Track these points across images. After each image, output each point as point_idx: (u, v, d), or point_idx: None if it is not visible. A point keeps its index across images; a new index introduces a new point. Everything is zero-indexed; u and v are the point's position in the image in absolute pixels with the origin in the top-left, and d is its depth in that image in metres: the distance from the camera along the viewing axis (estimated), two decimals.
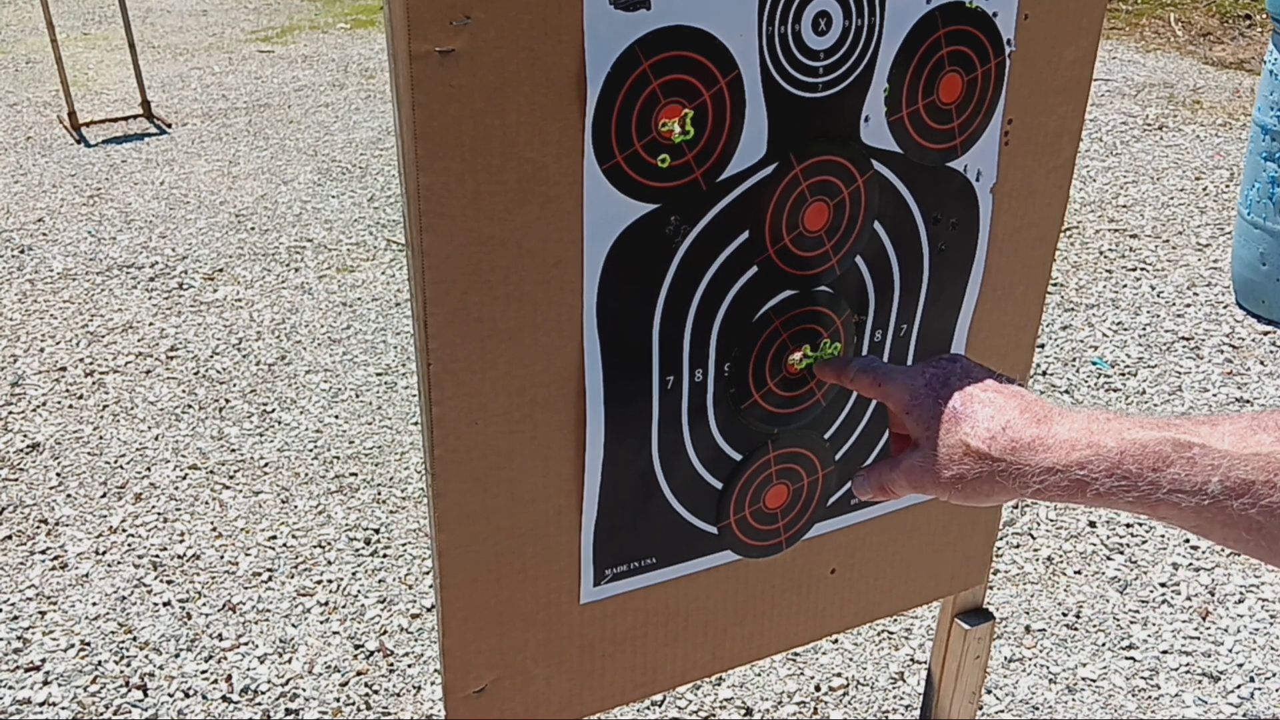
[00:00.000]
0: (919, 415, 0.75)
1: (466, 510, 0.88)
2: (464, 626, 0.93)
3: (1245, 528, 0.60)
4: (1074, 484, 0.66)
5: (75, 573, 2.43)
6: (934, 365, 0.78)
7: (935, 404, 0.74)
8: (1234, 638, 2.21)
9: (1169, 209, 4.19)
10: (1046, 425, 0.68)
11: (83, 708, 2.07)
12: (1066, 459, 0.66)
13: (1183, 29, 6.37)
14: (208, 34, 6.97)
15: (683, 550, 1.00)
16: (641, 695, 1.07)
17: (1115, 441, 0.64)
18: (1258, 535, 0.60)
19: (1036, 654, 2.19)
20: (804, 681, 2.13)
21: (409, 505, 2.64)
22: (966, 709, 1.30)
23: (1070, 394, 3.05)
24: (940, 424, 0.73)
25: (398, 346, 3.35)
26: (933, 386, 0.76)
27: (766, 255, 0.89)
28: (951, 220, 0.98)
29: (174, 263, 3.91)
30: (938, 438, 0.73)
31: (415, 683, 2.13)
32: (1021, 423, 0.69)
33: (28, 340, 3.40)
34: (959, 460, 0.71)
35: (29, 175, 4.68)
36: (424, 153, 0.74)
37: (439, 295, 0.79)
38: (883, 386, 0.81)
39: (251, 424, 2.97)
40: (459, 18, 0.71)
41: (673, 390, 0.91)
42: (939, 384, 0.76)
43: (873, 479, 0.80)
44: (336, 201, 4.41)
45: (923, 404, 0.75)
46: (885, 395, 0.81)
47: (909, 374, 0.79)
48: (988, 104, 0.94)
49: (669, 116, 0.80)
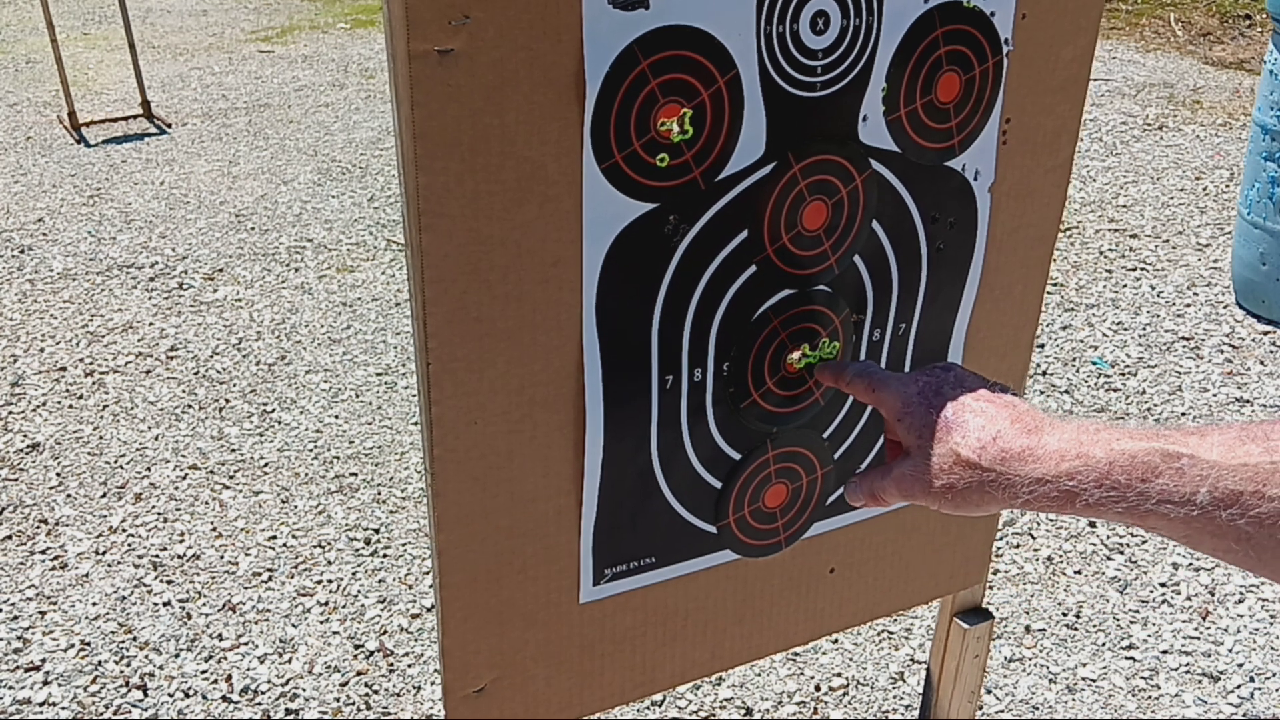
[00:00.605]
0: (910, 423, 0.75)
1: (466, 510, 0.88)
2: (464, 626, 0.93)
3: (1234, 538, 0.60)
4: (1063, 494, 0.66)
5: (75, 573, 2.43)
6: (928, 374, 0.78)
7: (927, 412, 0.75)
8: (1234, 638, 2.21)
9: (1169, 209, 4.19)
10: (1037, 435, 0.68)
11: (83, 708, 2.07)
12: (1056, 470, 0.66)
13: (1183, 29, 6.38)
14: (208, 34, 6.97)
15: (682, 550, 1.00)
16: (641, 695, 1.07)
17: (1104, 452, 0.65)
18: (1246, 546, 0.60)
19: (1036, 654, 2.19)
20: (804, 681, 2.13)
21: (409, 505, 2.64)
22: (966, 709, 1.30)
23: (1070, 394, 3.05)
24: (932, 433, 0.73)
25: (398, 346, 3.35)
26: (925, 395, 0.76)
27: (765, 254, 0.89)
28: (950, 219, 0.98)
29: (174, 263, 3.91)
30: (929, 447, 0.73)
31: (415, 683, 2.13)
32: (1012, 433, 0.69)
33: (28, 340, 3.40)
34: (949, 470, 0.71)
35: (29, 175, 4.69)
36: (423, 152, 0.74)
37: (438, 295, 0.79)
38: (877, 393, 0.81)
39: (251, 424, 2.97)
40: (458, 17, 0.72)
41: (672, 389, 0.91)
42: (931, 392, 0.76)
43: (864, 486, 0.80)
44: (336, 201, 4.41)
45: (915, 412, 0.76)
46: (879, 401, 0.81)
47: (903, 381, 0.79)
48: (986, 103, 0.94)
49: (668, 116, 0.80)
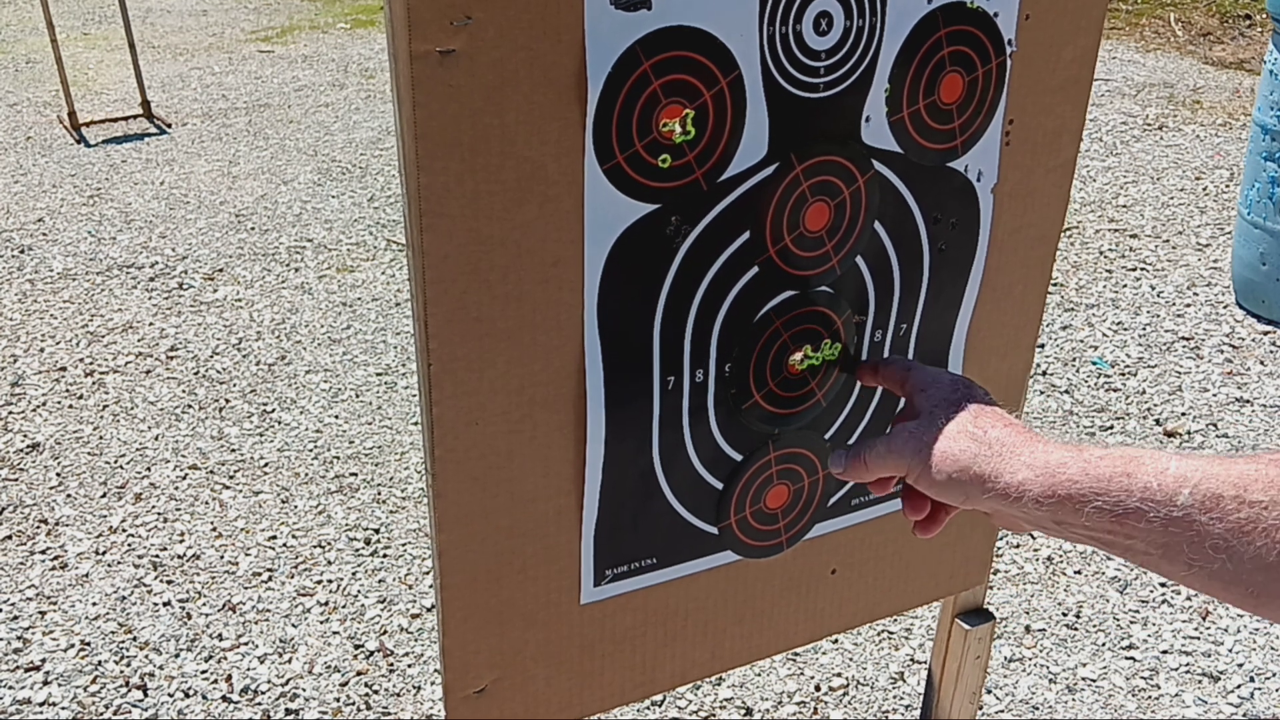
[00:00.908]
0: (933, 393, 0.80)
1: (466, 510, 0.88)
2: (464, 626, 0.93)
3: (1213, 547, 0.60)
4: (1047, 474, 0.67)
5: (75, 573, 2.42)
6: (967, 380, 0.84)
7: (953, 391, 0.80)
8: (1234, 638, 2.21)
9: (1169, 209, 4.19)
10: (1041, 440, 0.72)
11: (83, 708, 2.07)
12: (1046, 457, 0.69)
13: (1183, 29, 6.37)
14: (208, 34, 6.97)
15: (683, 550, 1.00)
16: (641, 695, 1.07)
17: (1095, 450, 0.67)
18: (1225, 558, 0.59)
19: (1036, 654, 2.19)
20: (804, 681, 2.13)
21: (409, 505, 2.64)
22: (966, 709, 1.30)
23: (1070, 394, 3.05)
24: (950, 406, 0.78)
25: (398, 346, 3.35)
26: (956, 382, 0.81)
27: (767, 255, 0.89)
28: (952, 220, 0.98)
29: (174, 263, 3.91)
30: (943, 414, 0.77)
31: (415, 683, 2.13)
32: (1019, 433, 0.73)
33: (28, 340, 3.40)
34: (952, 437, 0.74)
35: (29, 175, 4.68)
36: (424, 152, 0.74)
37: (438, 295, 0.79)
38: (911, 371, 0.86)
39: (251, 424, 2.97)
40: (459, 18, 0.71)
41: (673, 390, 0.91)
42: (964, 384, 0.81)
43: (852, 450, 0.82)
44: (336, 201, 4.41)
45: (942, 389, 0.80)
46: (909, 379, 0.85)
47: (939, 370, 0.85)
48: (988, 104, 0.94)
49: (670, 116, 0.80)
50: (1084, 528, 0.65)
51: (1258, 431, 2.86)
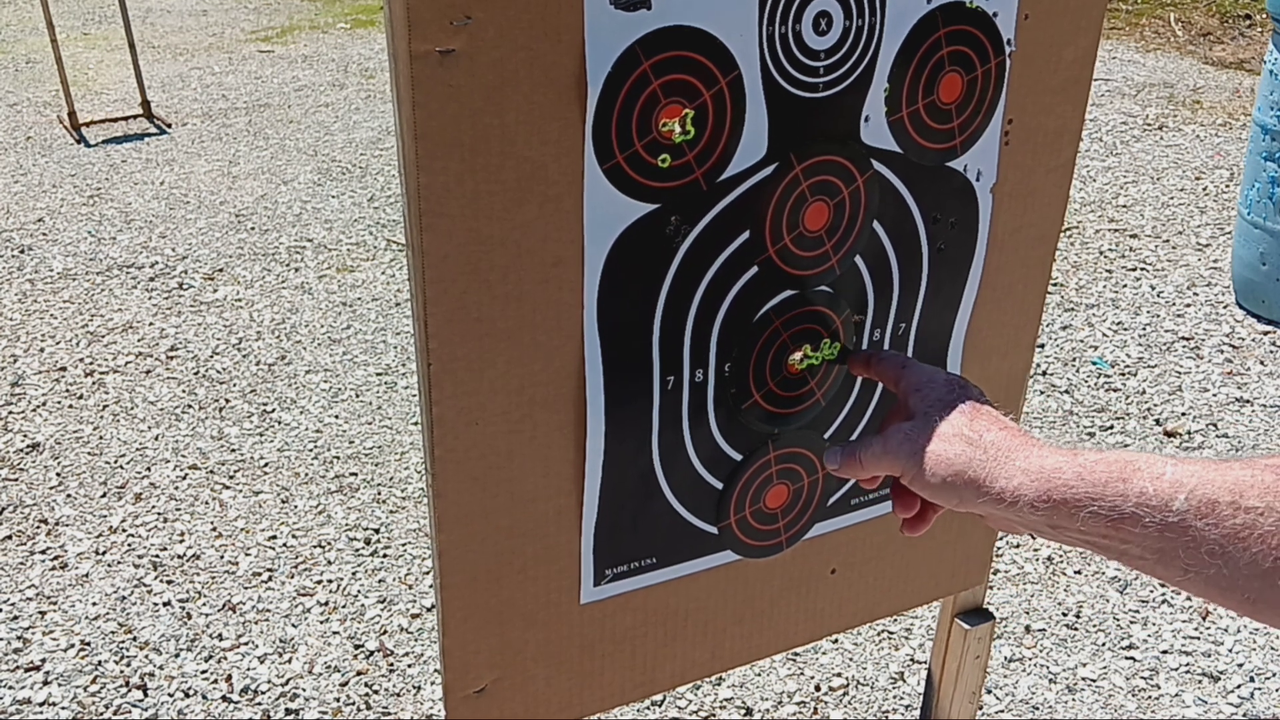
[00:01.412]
0: (928, 394, 0.79)
1: (466, 510, 0.88)
2: (464, 626, 0.93)
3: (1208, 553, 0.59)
4: (1042, 479, 0.67)
5: (75, 573, 2.43)
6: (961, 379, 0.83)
7: (949, 392, 0.78)
8: (1234, 638, 2.21)
9: (1169, 209, 4.19)
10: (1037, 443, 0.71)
11: (83, 708, 2.07)
12: (1041, 460, 0.68)
13: (1183, 29, 6.37)
14: (208, 34, 6.97)
15: (683, 550, 1.00)
16: (641, 695, 1.07)
17: (1091, 454, 0.67)
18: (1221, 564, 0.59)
19: (1036, 654, 2.19)
20: (804, 681, 2.13)
21: (409, 505, 2.64)
22: (966, 709, 1.30)
23: (1070, 394, 3.05)
24: (945, 407, 0.77)
25: (398, 346, 3.35)
26: (951, 382, 0.80)
27: (767, 255, 0.89)
28: (951, 220, 0.98)
29: (174, 263, 3.91)
30: (937, 415, 0.76)
31: (415, 683, 2.13)
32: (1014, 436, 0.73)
33: (28, 340, 3.40)
34: (947, 439, 0.74)
35: (29, 175, 4.68)
36: (424, 152, 0.74)
37: (438, 294, 0.79)
38: (905, 369, 0.85)
39: (251, 424, 2.97)
40: (459, 18, 0.71)
41: (673, 390, 0.91)
42: (959, 384, 0.80)
43: (846, 450, 0.82)
44: (336, 201, 4.41)
45: (937, 389, 0.79)
46: (903, 378, 0.84)
47: (934, 369, 0.84)
48: (988, 104, 0.94)
49: (669, 116, 0.80)
50: (1079, 532, 0.65)
51: (1258, 432, 2.86)
